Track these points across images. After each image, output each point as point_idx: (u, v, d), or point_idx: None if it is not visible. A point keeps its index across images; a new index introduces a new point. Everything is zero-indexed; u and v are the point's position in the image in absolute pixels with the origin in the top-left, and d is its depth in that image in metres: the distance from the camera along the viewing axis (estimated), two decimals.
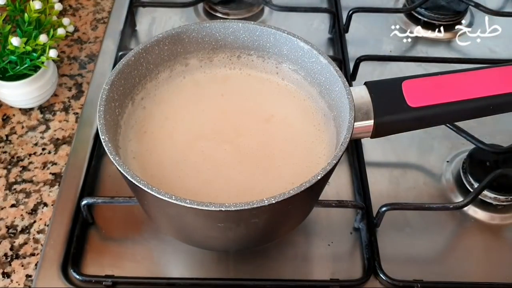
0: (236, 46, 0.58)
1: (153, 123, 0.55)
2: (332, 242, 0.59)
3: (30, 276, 0.56)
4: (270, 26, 0.55)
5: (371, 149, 0.67)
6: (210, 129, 0.55)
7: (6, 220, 0.60)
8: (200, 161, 0.52)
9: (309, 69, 0.55)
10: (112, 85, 0.50)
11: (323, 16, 0.84)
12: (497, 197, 0.61)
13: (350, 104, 0.49)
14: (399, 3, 0.89)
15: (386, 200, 0.58)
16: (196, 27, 0.56)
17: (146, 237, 0.58)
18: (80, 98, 0.72)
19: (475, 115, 0.55)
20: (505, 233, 0.61)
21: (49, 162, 0.65)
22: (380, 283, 0.56)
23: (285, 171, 0.52)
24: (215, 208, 0.42)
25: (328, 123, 0.54)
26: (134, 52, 0.53)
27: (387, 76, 0.58)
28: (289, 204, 0.44)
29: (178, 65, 0.58)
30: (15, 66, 0.66)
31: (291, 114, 0.56)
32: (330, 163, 0.45)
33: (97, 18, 0.83)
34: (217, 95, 0.58)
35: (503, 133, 0.69)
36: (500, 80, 0.53)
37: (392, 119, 0.51)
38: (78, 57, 0.78)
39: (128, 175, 0.44)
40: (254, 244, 0.57)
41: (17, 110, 0.71)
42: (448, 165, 0.66)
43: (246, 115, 0.56)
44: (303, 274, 0.57)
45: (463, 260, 0.59)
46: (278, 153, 0.53)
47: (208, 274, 0.56)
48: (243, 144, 0.53)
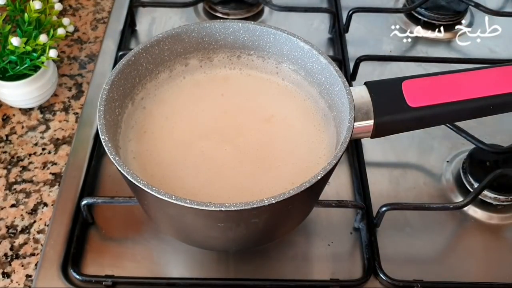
0: (236, 46, 0.58)
1: (153, 123, 0.55)
2: (332, 242, 0.59)
3: (30, 276, 0.56)
4: (270, 26, 0.55)
5: (371, 149, 0.67)
6: (210, 129, 0.55)
7: (6, 220, 0.60)
8: (200, 161, 0.52)
9: (309, 69, 0.55)
10: (112, 85, 0.50)
11: (323, 16, 0.84)
12: (497, 197, 0.61)
13: (350, 104, 0.49)
14: (399, 3, 0.89)
15: (386, 200, 0.58)
16: (196, 27, 0.56)
17: (146, 237, 0.58)
18: (80, 98, 0.72)
19: (475, 115, 0.55)
20: (505, 233, 0.61)
21: (49, 162, 0.65)
22: (380, 283, 0.56)
23: (285, 171, 0.52)
24: (215, 208, 0.42)
25: (328, 123, 0.54)
26: (134, 52, 0.53)
27: (387, 76, 0.58)
28: (289, 204, 0.44)
29: (178, 65, 0.58)
30: (15, 66, 0.66)
31: (291, 114, 0.56)
32: (330, 163, 0.45)
33: (97, 18, 0.83)
34: (217, 95, 0.58)
35: (503, 133, 0.69)
36: (500, 80, 0.53)
37: (392, 119, 0.51)
38: (78, 57, 0.78)
39: (128, 175, 0.44)
40: (254, 244, 0.57)
41: (17, 110, 0.71)
42: (448, 165, 0.66)
43: (246, 115, 0.56)
44: (303, 274, 0.57)
45: (463, 260, 0.59)
46: (278, 153, 0.53)
47: (208, 274, 0.56)
48: (243, 144, 0.53)
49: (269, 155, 0.53)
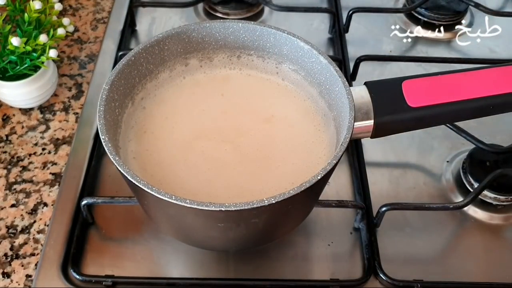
0: (236, 46, 0.58)
1: (153, 123, 0.55)
2: (332, 242, 0.59)
3: (30, 276, 0.56)
4: (270, 26, 0.55)
5: (371, 149, 0.67)
6: (210, 129, 0.55)
7: (6, 220, 0.60)
8: (200, 161, 0.52)
9: (309, 69, 0.55)
10: (112, 85, 0.50)
11: (323, 16, 0.84)
12: (497, 197, 0.61)
13: (350, 104, 0.49)
14: (399, 3, 0.89)
15: (386, 200, 0.58)
16: (196, 27, 0.56)
17: (146, 237, 0.58)
18: (80, 98, 0.72)
19: (475, 115, 0.55)
20: (505, 233, 0.61)
21: (49, 162, 0.65)
22: (380, 283, 0.56)
23: (285, 171, 0.52)
24: (215, 208, 0.42)
25: (328, 123, 0.54)
26: (134, 52, 0.53)
27: (387, 76, 0.58)
28: (289, 204, 0.44)
29: (178, 65, 0.58)
30: (15, 66, 0.66)
31: (291, 114, 0.56)
32: (330, 163, 0.45)
33: (97, 18, 0.83)
34: (217, 95, 0.58)
35: (503, 133, 0.69)
36: (500, 80, 0.53)
37: (392, 119, 0.51)
38: (78, 57, 0.78)
39: (128, 175, 0.44)
40: (254, 244, 0.57)
41: (17, 110, 0.71)
42: (448, 165, 0.66)
43: (246, 115, 0.56)
44: (303, 274, 0.57)
45: (463, 260, 0.59)
46: (278, 153, 0.53)
47: (208, 274, 0.56)
48: (243, 144, 0.53)
49: (269, 155, 0.53)
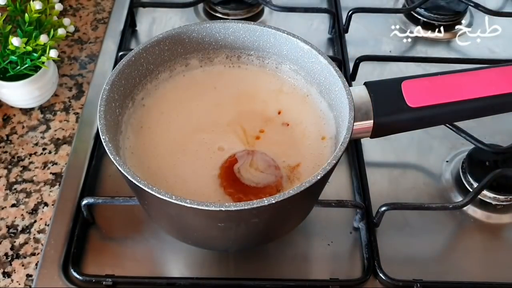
0: (236, 46, 0.58)
1: (149, 118, 0.55)
2: (332, 242, 0.59)
3: (31, 276, 0.56)
4: (270, 27, 0.56)
5: (371, 149, 0.67)
6: (205, 123, 0.55)
7: (7, 220, 0.60)
8: (195, 153, 0.52)
9: (309, 69, 0.56)
10: (112, 85, 0.50)
11: (323, 16, 0.84)
12: (497, 197, 0.61)
13: (349, 104, 0.49)
14: (399, 3, 0.89)
15: (385, 200, 0.59)
16: (196, 27, 0.56)
17: (146, 237, 0.58)
18: (81, 98, 0.72)
19: (475, 115, 0.55)
20: (504, 233, 0.61)
21: (49, 162, 0.65)
22: (379, 283, 0.56)
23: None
24: (215, 208, 0.42)
25: (328, 123, 0.55)
26: (134, 52, 0.53)
27: (387, 76, 0.58)
28: (289, 204, 0.45)
29: (178, 65, 0.58)
30: (15, 66, 0.66)
31: (290, 114, 0.56)
32: (329, 163, 0.45)
33: (98, 18, 0.84)
34: (211, 88, 0.58)
35: (502, 133, 0.69)
36: (500, 80, 0.53)
37: (391, 119, 0.51)
38: (79, 57, 0.78)
39: (129, 175, 0.44)
40: (254, 244, 0.57)
41: (18, 110, 0.71)
42: (448, 165, 0.67)
43: (246, 115, 0.56)
44: (303, 274, 0.57)
45: (463, 260, 0.59)
46: (277, 153, 0.53)
47: (208, 274, 0.56)
48: (242, 143, 0.53)
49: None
